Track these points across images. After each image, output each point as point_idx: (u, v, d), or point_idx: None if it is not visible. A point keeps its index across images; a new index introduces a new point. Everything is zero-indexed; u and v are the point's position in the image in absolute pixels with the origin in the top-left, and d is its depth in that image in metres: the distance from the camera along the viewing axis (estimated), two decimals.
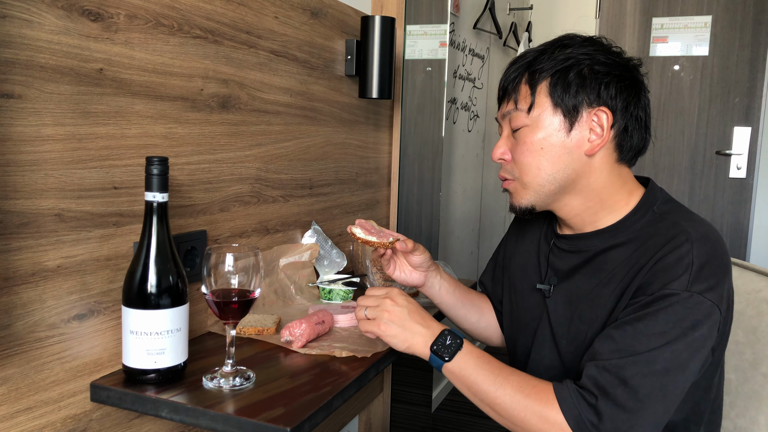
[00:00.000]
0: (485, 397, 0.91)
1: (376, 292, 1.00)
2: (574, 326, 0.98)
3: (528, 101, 0.95)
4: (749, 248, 2.72)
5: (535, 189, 0.97)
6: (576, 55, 0.94)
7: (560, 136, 0.94)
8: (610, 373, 0.85)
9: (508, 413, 0.88)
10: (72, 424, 0.91)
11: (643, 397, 0.83)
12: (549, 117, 0.94)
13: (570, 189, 0.97)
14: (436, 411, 2.87)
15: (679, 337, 0.84)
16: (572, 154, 0.95)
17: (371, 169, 1.81)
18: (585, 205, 0.98)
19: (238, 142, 1.23)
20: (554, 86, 0.94)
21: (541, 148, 0.95)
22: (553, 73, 0.94)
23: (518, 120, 0.97)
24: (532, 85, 0.95)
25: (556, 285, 1.03)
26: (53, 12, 0.83)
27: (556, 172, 0.95)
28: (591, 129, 0.94)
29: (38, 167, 0.83)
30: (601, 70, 0.94)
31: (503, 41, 3.49)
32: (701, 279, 0.86)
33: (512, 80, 0.98)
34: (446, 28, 1.94)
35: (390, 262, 1.16)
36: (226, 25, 1.17)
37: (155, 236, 0.89)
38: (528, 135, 0.96)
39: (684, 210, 0.97)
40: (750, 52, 2.63)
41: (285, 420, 0.81)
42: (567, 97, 0.93)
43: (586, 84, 0.93)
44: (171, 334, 0.90)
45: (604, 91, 0.93)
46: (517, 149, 0.98)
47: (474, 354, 0.93)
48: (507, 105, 0.99)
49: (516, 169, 0.99)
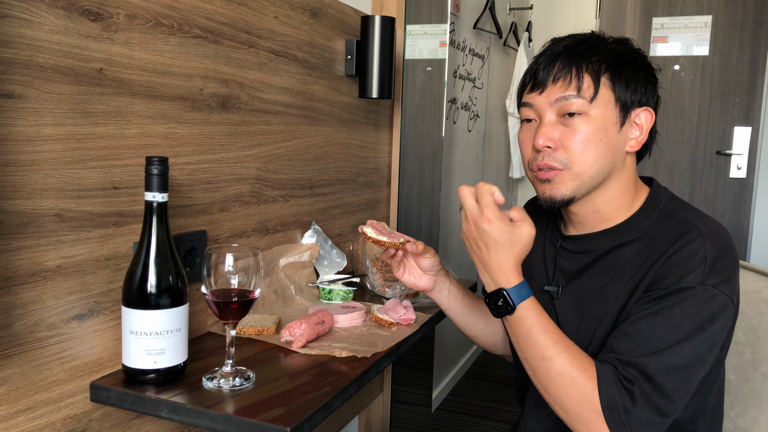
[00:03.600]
0: (530, 360, 0.91)
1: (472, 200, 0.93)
2: (584, 326, 0.98)
3: (591, 90, 0.93)
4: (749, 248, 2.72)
5: (583, 180, 0.95)
6: (628, 53, 0.96)
7: (615, 130, 0.95)
8: (634, 369, 0.85)
9: (549, 385, 0.88)
10: (72, 424, 0.91)
11: (669, 393, 0.84)
12: (610, 109, 0.94)
13: (603, 184, 0.97)
14: (436, 411, 2.87)
15: (697, 331, 0.85)
16: (619, 149, 0.96)
17: (371, 169, 1.81)
18: (607, 202, 0.98)
19: (238, 142, 1.23)
20: (617, 80, 0.94)
21: (600, 139, 0.94)
22: (614, 66, 0.94)
23: (578, 106, 0.93)
24: (595, 74, 0.94)
25: (564, 286, 1.03)
26: (53, 12, 0.83)
27: (606, 164, 0.95)
28: (632, 127, 0.96)
29: (38, 167, 0.83)
30: (649, 70, 0.97)
31: (503, 41, 3.49)
32: (715, 272, 0.87)
33: (572, 67, 0.94)
34: (446, 28, 1.94)
35: (400, 264, 1.15)
36: (226, 25, 1.17)
37: (155, 236, 0.89)
38: (588, 124, 0.93)
39: (690, 207, 0.98)
40: (750, 52, 2.63)
41: (285, 420, 0.81)
42: (626, 93, 0.95)
43: (639, 82, 0.95)
44: (171, 334, 0.90)
45: (651, 92, 0.97)
46: (574, 137, 0.93)
47: (526, 321, 0.90)
48: (565, 89, 0.94)
49: (567, 156, 0.94)
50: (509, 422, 2.76)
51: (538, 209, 1.17)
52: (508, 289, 0.91)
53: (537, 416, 1.06)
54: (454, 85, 2.83)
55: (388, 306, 1.27)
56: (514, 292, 0.91)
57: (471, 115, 3.12)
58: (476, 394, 3.08)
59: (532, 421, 1.07)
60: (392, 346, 1.11)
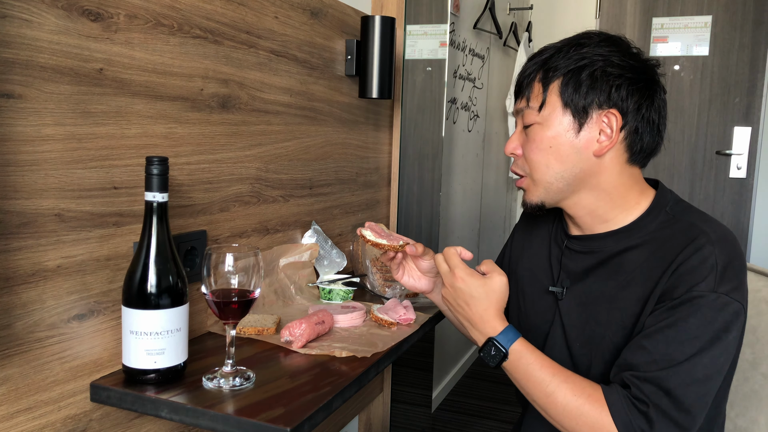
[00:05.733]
0: (537, 399, 0.92)
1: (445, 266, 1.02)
2: (588, 328, 0.98)
3: (539, 99, 0.96)
4: (749, 248, 2.72)
5: (544, 186, 0.98)
6: (590, 56, 0.94)
7: (569, 136, 0.94)
8: (652, 384, 0.84)
9: (560, 418, 0.89)
10: (72, 424, 0.91)
11: (689, 407, 0.84)
12: (559, 116, 0.95)
13: (579, 187, 0.97)
14: (436, 411, 2.87)
15: (714, 342, 0.85)
16: (581, 154, 0.95)
17: (371, 169, 1.81)
18: (595, 204, 0.98)
19: (238, 142, 1.23)
20: (565, 86, 0.94)
21: (550, 146, 0.95)
22: (565, 72, 0.94)
23: (529, 117, 0.97)
24: (544, 83, 0.96)
25: (568, 287, 1.03)
26: (53, 12, 0.83)
27: (564, 170, 0.96)
28: (601, 130, 0.94)
29: (38, 167, 0.83)
30: (613, 71, 0.93)
31: (503, 41, 3.49)
32: (726, 280, 0.86)
33: (527, 77, 0.99)
34: (446, 28, 1.94)
35: (399, 266, 1.15)
36: (226, 25, 1.17)
37: (155, 236, 0.89)
38: (538, 133, 0.96)
39: (697, 211, 0.97)
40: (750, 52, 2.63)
41: (285, 420, 0.81)
42: (577, 98, 0.93)
43: (596, 85, 0.93)
44: (171, 334, 0.90)
45: (615, 93, 0.93)
46: (528, 146, 0.98)
47: (522, 362, 0.93)
48: (521, 102, 1.00)
49: (526, 165, 1.00)
50: (509, 422, 2.76)
51: None
52: (495, 336, 0.95)
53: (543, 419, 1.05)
54: (454, 85, 2.83)
55: (388, 306, 1.27)
56: (502, 336, 0.95)
57: (471, 115, 3.12)
58: (476, 394, 3.08)
59: (537, 423, 1.06)
60: (392, 346, 1.11)
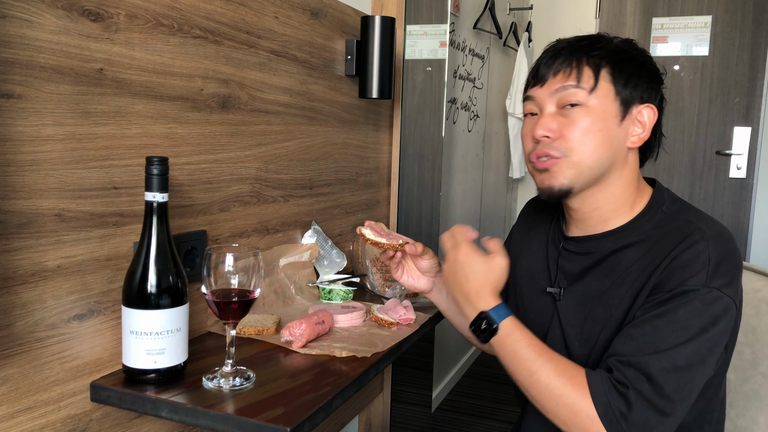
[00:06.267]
0: (520, 378, 0.91)
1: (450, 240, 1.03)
2: (587, 327, 0.98)
3: (591, 82, 0.94)
4: (749, 248, 2.72)
5: (581, 170, 0.95)
6: (630, 50, 0.97)
7: (614, 123, 0.95)
8: (634, 369, 0.85)
9: (542, 398, 0.88)
10: (72, 424, 0.91)
11: (669, 394, 0.84)
12: (610, 102, 0.95)
13: (603, 179, 0.97)
14: (436, 411, 2.87)
15: (699, 333, 0.85)
16: (620, 143, 0.96)
17: (371, 169, 1.81)
18: (606, 200, 0.98)
19: (238, 142, 1.23)
20: (617, 75, 0.95)
21: (599, 129, 0.94)
22: (615, 61, 0.95)
23: (578, 97, 0.94)
24: (595, 67, 0.95)
25: (566, 287, 1.03)
26: (53, 12, 0.83)
27: (605, 156, 0.95)
28: (634, 123, 0.97)
29: (38, 167, 0.83)
30: (654, 69, 0.98)
31: (503, 41, 3.49)
32: (719, 275, 0.87)
33: (573, 59, 0.95)
34: (446, 28, 1.94)
35: (398, 266, 1.15)
36: (226, 25, 1.17)
37: (155, 236, 0.89)
38: (587, 114, 0.94)
39: (693, 209, 0.98)
40: (750, 52, 2.63)
41: (285, 420, 0.81)
42: (627, 88, 0.95)
43: (642, 79, 0.96)
44: (171, 334, 0.90)
45: (654, 91, 0.97)
46: (573, 126, 0.94)
47: (510, 339, 0.92)
48: (566, 79, 0.95)
49: (565, 145, 0.95)
50: (509, 422, 2.76)
51: (540, 209, 1.17)
52: (488, 311, 0.95)
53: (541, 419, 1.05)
54: (454, 85, 2.83)
55: (388, 306, 1.27)
56: (494, 312, 0.95)
57: (471, 115, 3.12)
58: (476, 394, 3.08)
59: (536, 423, 1.07)
60: (392, 346, 1.11)
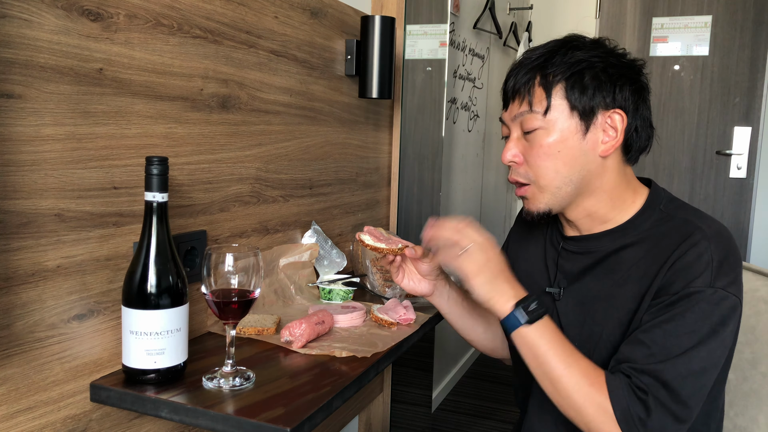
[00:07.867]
0: (550, 372, 0.89)
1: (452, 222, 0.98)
2: (587, 327, 0.98)
3: (544, 104, 0.94)
4: (749, 248, 2.72)
5: (552, 192, 0.96)
6: (588, 58, 0.94)
7: (576, 139, 0.94)
8: (649, 376, 0.85)
9: (568, 395, 0.87)
10: (72, 424, 0.91)
11: (686, 399, 0.84)
12: (565, 119, 0.94)
13: (584, 190, 0.97)
14: (436, 411, 2.87)
15: (711, 335, 0.85)
16: (587, 156, 0.95)
17: (371, 169, 1.81)
18: (596, 206, 0.98)
19: (238, 142, 1.23)
20: (571, 89, 0.93)
21: (558, 151, 0.94)
22: (568, 75, 0.93)
23: (533, 122, 0.95)
24: (547, 87, 0.94)
25: (565, 288, 1.03)
26: (53, 12, 0.83)
27: (572, 174, 0.95)
28: (605, 130, 0.94)
29: (38, 167, 0.83)
30: (614, 72, 0.94)
31: (503, 41, 3.49)
32: (722, 274, 0.87)
33: (525, 82, 0.96)
34: (446, 28, 1.94)
35: (399, 269, 1.14)
36: (226, 25, 1.17)
37: (155, 236, 0.89)
38: (543, 137, 0.94)
39: (690, 208, 0.98)
40: (750, 52, 2.63)
41: (285, 420, 0.81)
42: (584, 100, 0.93)
43: (602, 86, 0.93)
44: (171, 334, 0.90)
45: (619, 93, 0.94)
46: (533, 152, 0.96)
47: (551, 327, 0.91)
48: (520, 106, 0.97)
49: (531, 172, 0.97)
50: (509, 422, 2.76)
51: None
52: (535, 296, 0.92)
53: (543, 420, 1.05)
54: (454, 85, 2.83)
55: (388, 306, 1.27)
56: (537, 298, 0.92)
57: (471, 115, 3.12)
58: (476, 394, 3.08)
59: (537, 425, 1.06)
60: (392, 346, 1.11)
